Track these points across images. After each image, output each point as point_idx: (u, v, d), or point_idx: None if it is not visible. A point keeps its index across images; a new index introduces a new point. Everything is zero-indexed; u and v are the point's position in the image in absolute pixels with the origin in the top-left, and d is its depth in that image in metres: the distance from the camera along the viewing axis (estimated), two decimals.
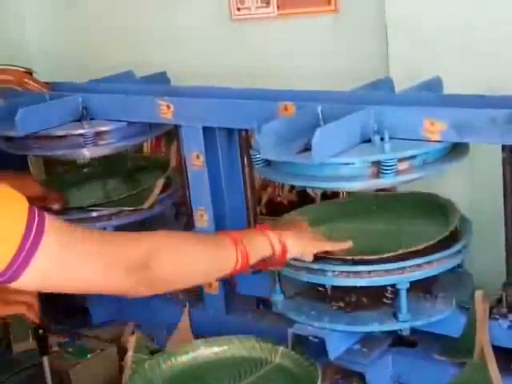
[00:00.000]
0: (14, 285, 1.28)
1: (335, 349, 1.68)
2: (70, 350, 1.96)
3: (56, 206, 2.11)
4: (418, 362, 1.73)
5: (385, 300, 1.73)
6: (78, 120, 2.06)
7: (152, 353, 1.97)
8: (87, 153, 2.05)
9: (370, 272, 1.63)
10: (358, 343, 1.76)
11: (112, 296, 2.22)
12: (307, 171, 1.59)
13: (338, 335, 1.69)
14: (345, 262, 1.65)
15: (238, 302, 2.07)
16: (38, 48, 2.86)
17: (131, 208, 2.13)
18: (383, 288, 1.72)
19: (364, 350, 1.75)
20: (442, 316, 1.68)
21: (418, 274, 1.63)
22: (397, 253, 1.62)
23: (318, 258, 1.67)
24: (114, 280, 1.36)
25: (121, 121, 2.04)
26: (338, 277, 1.65)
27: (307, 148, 1.53)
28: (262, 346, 1.78)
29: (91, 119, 2.06)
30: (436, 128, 1.55)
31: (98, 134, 2.03)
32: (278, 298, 1.80)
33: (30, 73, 2.31)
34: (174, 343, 1.99)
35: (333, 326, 1.68)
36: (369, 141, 1.60)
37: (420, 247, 1.63)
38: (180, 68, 2.38)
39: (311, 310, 1.74)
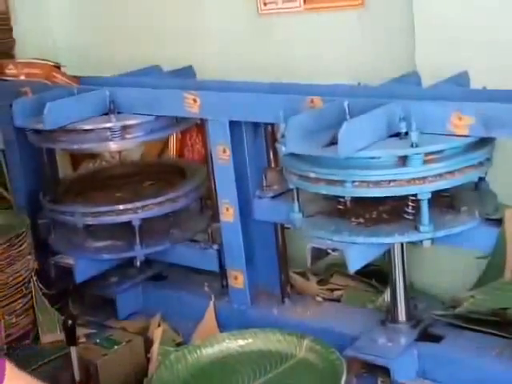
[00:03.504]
0: None
1: (355, 261, 1.62)
2: (98, 341, 1.98)
3: None
4: (444, 356, 1.73)
5: (406, 216, 1.67)
6: (106, 114, 2.07)
7: (178, 345, 1.99)
8: (114, 146, 2.07)
9: (390, 182, 1.55)
10: (383, 337, 1.76)
11: (139, 288, 2.27)
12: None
13: (357, 247, 1.62)
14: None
15: (262, 295, 2.07)
16: (65, 43, 2.88)
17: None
18: (404, 203, 1.66)
19: (389, 344, 1.75)
20: (465, 227, 1.62)
21: (440, 184, 1.56)
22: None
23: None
24: None
25: (148, 115, 2.05)
26: (357, 188, 1.57)
27: (333, 142, 1.53)
28: (287, 340, 1.78)
29: (118, 113, 2.07)
30: (463, 122, 1.55)
31: (125, 128, 2.04)
32: (296, 216, 1.74)
33: (58, 67, 2.32)
34: (200, 336, 2.01)
35: (352, 239, 1.62)
36: (396, 135, 1.60)
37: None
38: (207, 63, 2.39)
39: (331, 226, 1.68)
